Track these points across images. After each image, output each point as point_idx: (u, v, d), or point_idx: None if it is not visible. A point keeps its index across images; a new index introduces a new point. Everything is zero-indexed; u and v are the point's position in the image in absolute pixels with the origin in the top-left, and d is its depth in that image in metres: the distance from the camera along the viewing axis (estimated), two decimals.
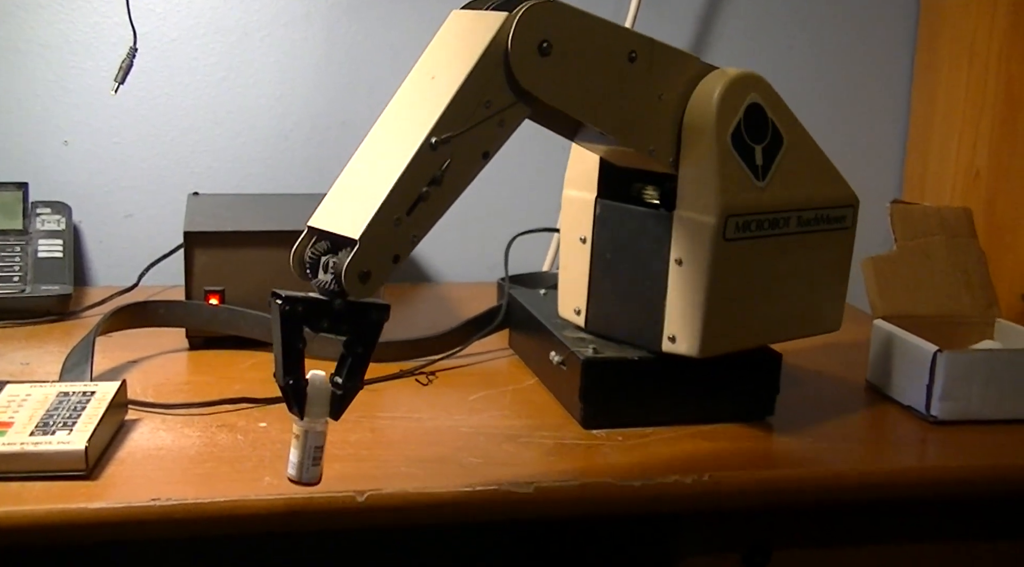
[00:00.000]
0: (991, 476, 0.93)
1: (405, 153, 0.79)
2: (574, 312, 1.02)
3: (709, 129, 0.90)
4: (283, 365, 0.78)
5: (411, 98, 0.83)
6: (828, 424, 1.00)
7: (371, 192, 0.78)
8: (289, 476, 0.78)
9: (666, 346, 0.95)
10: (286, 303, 0.77)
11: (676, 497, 0.87)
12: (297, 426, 0.78)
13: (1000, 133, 1.36)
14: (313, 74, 1.43)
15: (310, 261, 0.80)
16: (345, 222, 0.78)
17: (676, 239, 0.93)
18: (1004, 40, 1.35)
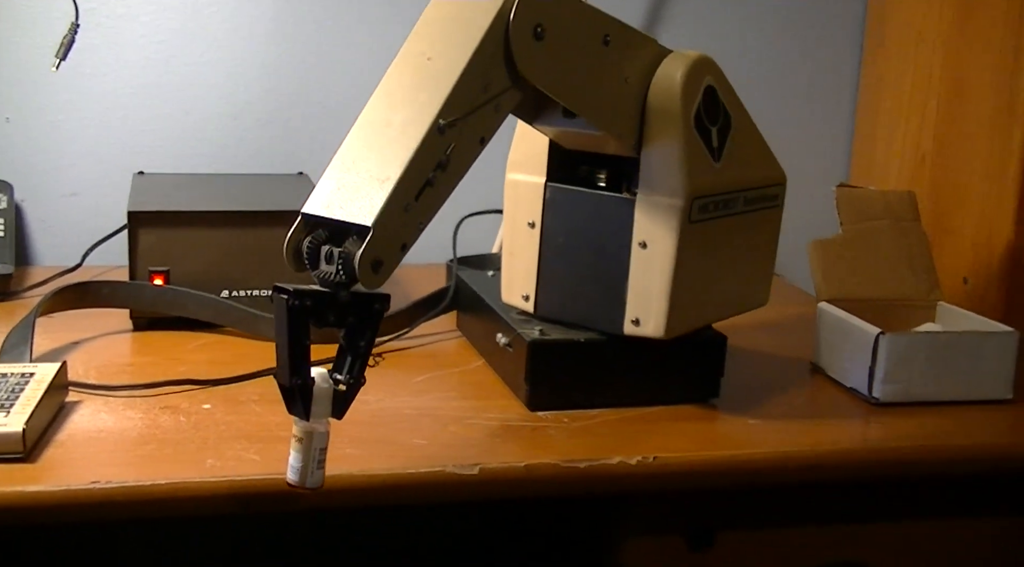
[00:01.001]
0: (930, 456, 0.94)
1: (413, 136, 0.77)
2: (522, 298, 1.01)
3: (675, 112, 0.91)
4: (289, 364, 0.74)
5: (406, 80, 0.81)
6: (772, 406, 1.01)
7: (379, 177, 0.76)
8: (290, 482, 0.76)
9: (629, 329, 0.95)
10: (294, 297, 0.74)
11: (621, 478, 0.87)
12: (299, 428, 0.76)
13: (945, 118, 1.37)
14: (263, 53, 1.42)
15: (308, 250, 0.77)
16: (352, 209, 0.75)
17: (640, 222, 0.93)
18: (950, 26, 1.37)
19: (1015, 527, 0.99)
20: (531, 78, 0.82)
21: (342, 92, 1.45)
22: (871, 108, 1.54)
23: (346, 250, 0.75)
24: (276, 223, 1.13)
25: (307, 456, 0.76)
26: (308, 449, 0.76)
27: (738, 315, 1.04)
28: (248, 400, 0.95)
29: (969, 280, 1.31)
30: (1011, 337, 1.04)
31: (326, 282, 0.76)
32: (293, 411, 0.76)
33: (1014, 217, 1.25)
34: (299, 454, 0.76)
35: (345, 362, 0.78)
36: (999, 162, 1.26)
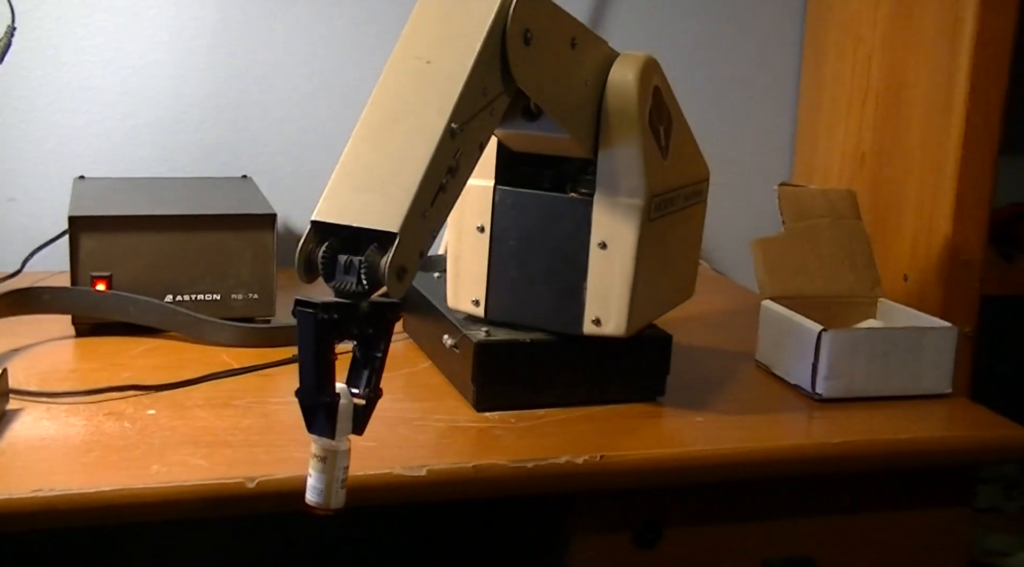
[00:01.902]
0: (873, 450, 0.96)
1: (427, 141, 0.76)
2: (472, 303, 1.00)
3: (632, 114, 0.91)
4: (317, 381, 0.73)
5: (407, 83, 0.80)
6: (718, 403, 1.02)
7: (397, 182, 0.75)
8: (312, 503, 0.74)
9: (589, 329, 0.95)
10: (321, 311, 0.72)
11: (568, 477, 0.87)
12: (320, 447, 0.74)
13: (884, 118, 1.39)
14: (206, 55, 1.41)
15: (324, 260, 0.75)
16: (373, 215, 0.74)
17: (599, 223, 0.94)
18: (887, 27, 1.39)
19: (955, 517, 1.01)
20: (521, 82, 0.83)
21: (285, 95, 1.44)
22: (812, 108, 1.56)
23: (369, 258, 0.73)
24: (220, 227, 1.13)
25: (331, 476, 0.74)
26: (332, 469, 0.74)
27: (674, 309, 1.05)
28: (193, 405, 0.95)
29: (909, 277, 1.33)
30: (950, 332, 1.06)
31: (345, 293, 0.74)
32: (316, 430, 0.74)
33: (952, 214, 1.27)
34: (321, 475, 0.74)
35: (362, 375, 0.76)
36: (936, 160, 1.29)
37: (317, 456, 0.74)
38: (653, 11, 1.54)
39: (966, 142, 1.25)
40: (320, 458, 0.74)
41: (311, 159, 1.47)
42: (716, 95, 1.59)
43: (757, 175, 1.60)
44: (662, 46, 1.53)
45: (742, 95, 1.60)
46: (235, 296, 1.14)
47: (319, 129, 1.46)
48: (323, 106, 1.46)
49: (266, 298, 1.14)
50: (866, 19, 1.43)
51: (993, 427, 1.00)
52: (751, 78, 1.60)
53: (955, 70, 1.25)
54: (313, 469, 0.74)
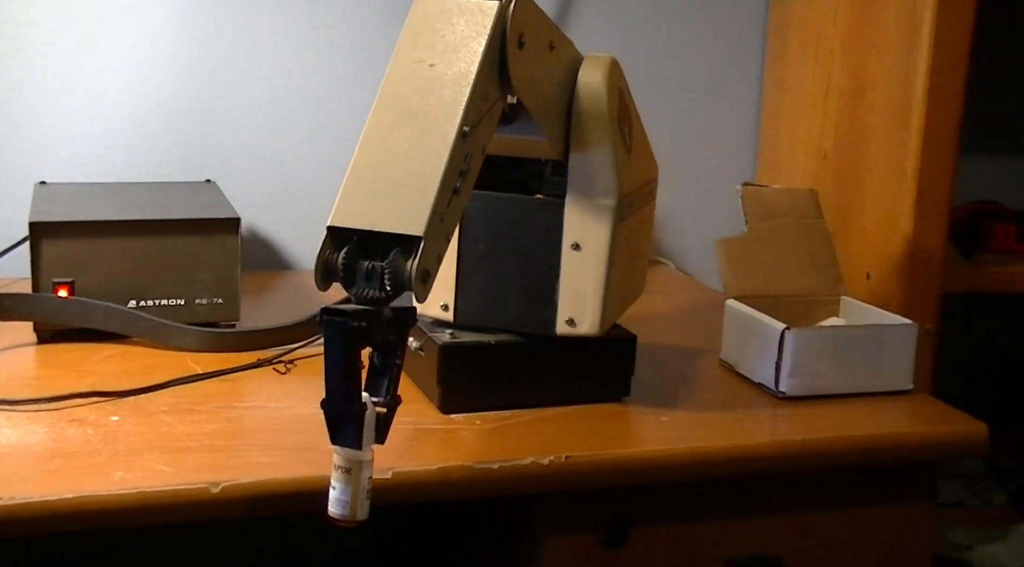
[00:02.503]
0: (836, 447, 0.97)
1: (441, 144, 0.76)
2: (440, 308, 1.00)
3: (603, 116, 0.92)
4: (345, 391, 0.72)
5: (412, 86, 0.80)
6: (683, 403, 1.02)
7: (414, 185, 0.75)
8: (338, 516, 0.73)
9: (563, 330, 0.96)
10: (351, 319, 0.71)
11: (534, 478, 0.88)
12: (344, 458, 0.73)
13: (846, 118, 1.41)
14: (171, 60, 1.40)
15: (344, 267, 0.74)
16: (393, 219, 0.73)
17: (571, 224, 0.94)
18: (848, 28, 1.40)
19: (919, 512, 1.02)
20: (516, 85, 0.83)
21: (249, 99, 1.44)
22: (775, 108, 1.57)
23: (393, 263, 0.73)
24: (184, 231, 1.12)
25: (356, 487, 0.73)
26: (358, 480, 0.73)
27: (640, 309, 1.06)
28: (158, 411, 0.94)
29: (872, 275, 1.34)
30: (910, 329, 1.07)
31: (366, 299, 0.73)
32: (341, 441, 0.73)
33: (912, 213, 1.28)
34: (346, 486, 0.73)
35: (382, 383, 0.75)
36: (897, 160, 1.30)
37: (341, 467, 0.73)
38: (616, 12, 1.55)
39: (926, 141, 1.26)
40: (344, 469, 0.73)
41: (275, 163, 1.46)
42: (679, 96, 1.60)
43: (721, 175, 1.61)
44: (625, 47, 1.54)
45: (705, 96, 1.61)
46: (199, 301, 1.13)
47: (283, 133, 1.46)
48: (286, 110, 1.46)
49: (231, 303, 1.14)
50: (827, 20, 1.44)
51: (954, 423, 1.01)
52: (714, 79, 1.61)
53: (914, 70, 1.26)
54: (337, 481, 0.74)
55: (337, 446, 0.74)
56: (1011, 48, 1.68)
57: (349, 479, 0.74)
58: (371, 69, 1.48)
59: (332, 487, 0.74)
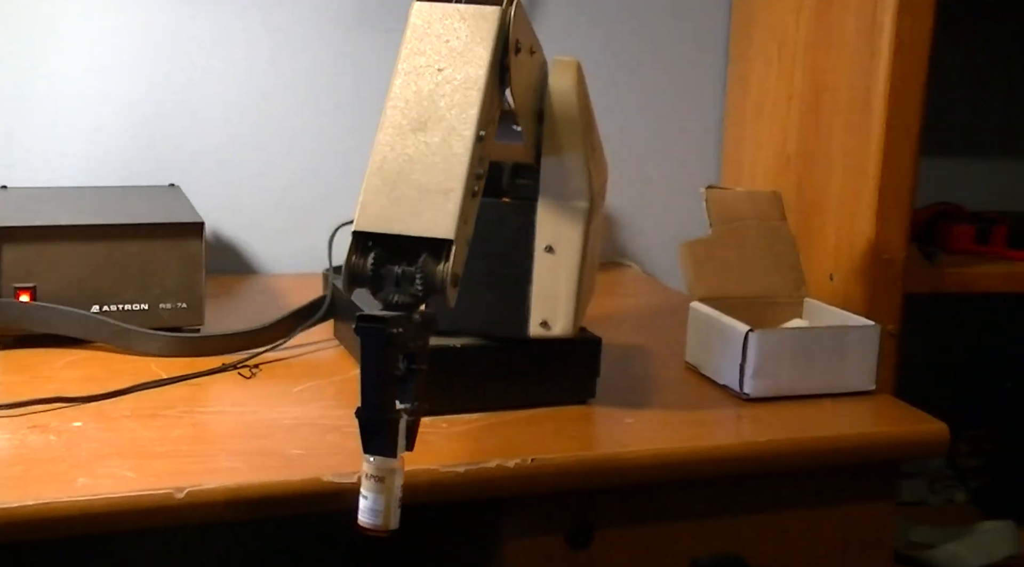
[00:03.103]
0: (800, 448, 0.97)
1: (462, 147, 0.77)
2: None
3: (575, 118, 0.93)
4: (381, 398, 0.71)
5: (422, 91, 0.80)
6: (648, 405, 1.03)
7: (439, 188, 0.75)
8: (369, 525, 0.73)
9: (536, 332, 0.97)
10: (390, 325, 0.70)
11: (499, 481, 0.88)
12: (376, 467, 0.72)
13: (808, 121, 1.42)
14: (130, 63, 1.39)
15: (372, 272, 0.74)
16: (421, 223, 0.74)
17: (544, 227, 0.95)
18: (809, 32, 1.41)
19: (880, 511, 1.03)
20: (512, 90, 0.84)
21: (211, 102, 1.43)
22: (738, 111, 1.58)
23: (424, 268, 0.73)
24: (147, 236, 1.12)
25: (389, 496, 0.73)
26: (391, 488, 0.73)
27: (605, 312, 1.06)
28: (121, 416, 0.94)
29: (834, 276, 1.35)
30: (873, 330, 1.08)
31: (397, 305, 0.73)
32: (375, 449, 0.73)
33: (874, 215, 1.29)
34: (379, 495, 0.72)
35: (409, 389, 0.75)
36: (859, 162, 1.31)
37: (374, 476, 0.73)
38: (579, 14, 1.55)
39: (887, 144, 1.28)
40: (377, 479, 0.73)
41: (238, 167, 1.46)
42: (644, 99, 1.61)
43: (685, 178, 1.62)
44: (590, 49, 1.54)
45: (670, 99, 1.62)
46: (163, 305, 1.13)
47: (246, 136, 1.46)
48: (250, 113, 1.45)
49: (195, 307, 1.13)
50: (789, 23, 1.45)
51: (915, 422, 1.03)
52: (678, 82, 1.62)
53: (875, 73, 1.28)
54: (369, 491, 0.73)
55: (370, 455, 0.73)
56: (970, 51, 1.70)
57: (382, 488, 0.73)
58: (333, 71, 1.47)
59: (363, 496, 0.73)
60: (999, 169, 1.77)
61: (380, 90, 1.46)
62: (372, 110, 1.56)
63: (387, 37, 1.48)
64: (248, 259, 1.48)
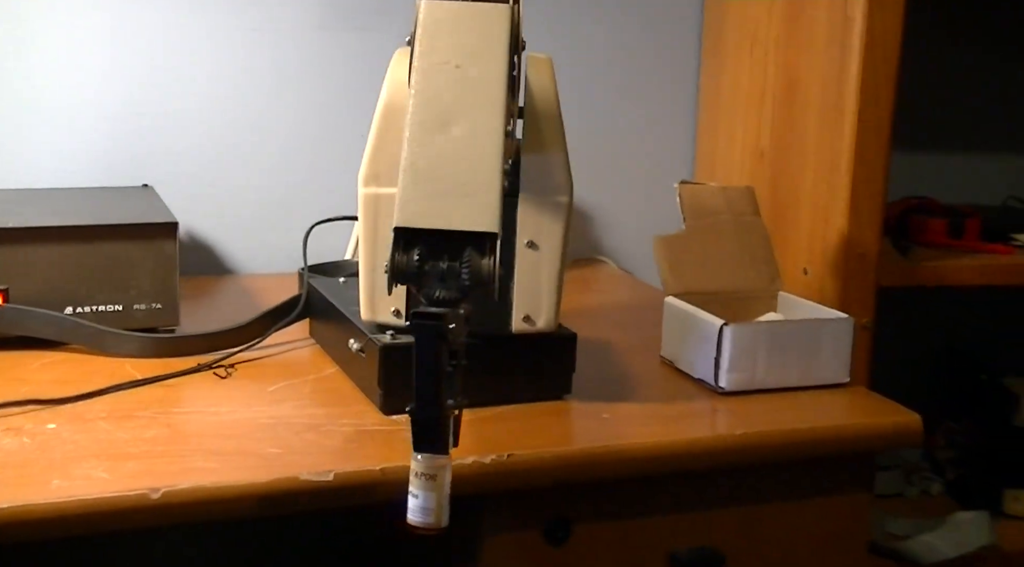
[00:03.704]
0: (774, 441, 0.98)
1: (492, 142, 0.78)
2: (392, 314, 0.98)
3: (554, 114, 0.94)
4: (436, 395, 0.71)
5: (444, 88, 0.80)
6: (624, 400, 1.03)
7: (476, 183, 0.75)
8: (421, 524, 0.72)
9: (519, 327, 0.97)
10: (447, 321, 0.70)
11: (476, 477, 0.88)
12: (427, 465, 0.72)
13: (781, 115, 1.43)
14: (104, 63, 1.39)
15: (419, 268, 0.73)
16: (466, 218, 0.74)
17: (526, 223, 0.96)
18: (781, 28, 1.42)
19: (856, 502, 1.04)
20: (518, 86, 0.85)
21: (185, 103, 1.43)
22: (712, 107, 1.59)
23: (471, 262, 0.73)
24: (121, 236, 1.11)
25: (440, 493, 0.72)
26: (442, 486, 0.72)
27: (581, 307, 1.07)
28: (96, 417, 0.93)
29: (809, 270, 1.36)
30: (847, 323, 1.09)
31: (441, 301, 0.73)
32: (427, 447, 0.72)
33: (847, 209, 1.30)
34: (431, 493, 0.72)
35: (454, 385, 0.74)
36: (831, 157, 1.32)
37: (425, 475, 0.72)
38: (553, 12, 1.55)
39: (859, 139, 1.28)
40: (429, 476, 0.72)
41: (213, 167, 1.45)
42: (619, 95, 1.61)
43: (660, 174, 1.63)
44: (564, 45, 1.55)
45: (644, 95, 1.62)
46: (138, 306, 1.12)
47: (220, 136, 1.45)
48: (223, 113, 1.45)
49: (169, 308, 1.13)
50: (761, 19, 1.46)
51: (888, 414, 1.03)
52: (652, 78, 1.62)
53: (846, 68, 1.29)
54: (419, 489, 0.72)
55: (422, 453, 0.73)
56: (941, 45, 1.71)
57: (433, 485, 0.72)
58: (306, 70, 1.47)
59: (413, 495, 0.73)
60: (971, 163, 1.79)
61: (354, 88, 1.47)
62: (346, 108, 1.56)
63: (360, 35, 1.48)
64: (223, 259, 1.48)
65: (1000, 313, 1.77)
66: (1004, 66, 1.77)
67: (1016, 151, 1.81)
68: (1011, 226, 1.50)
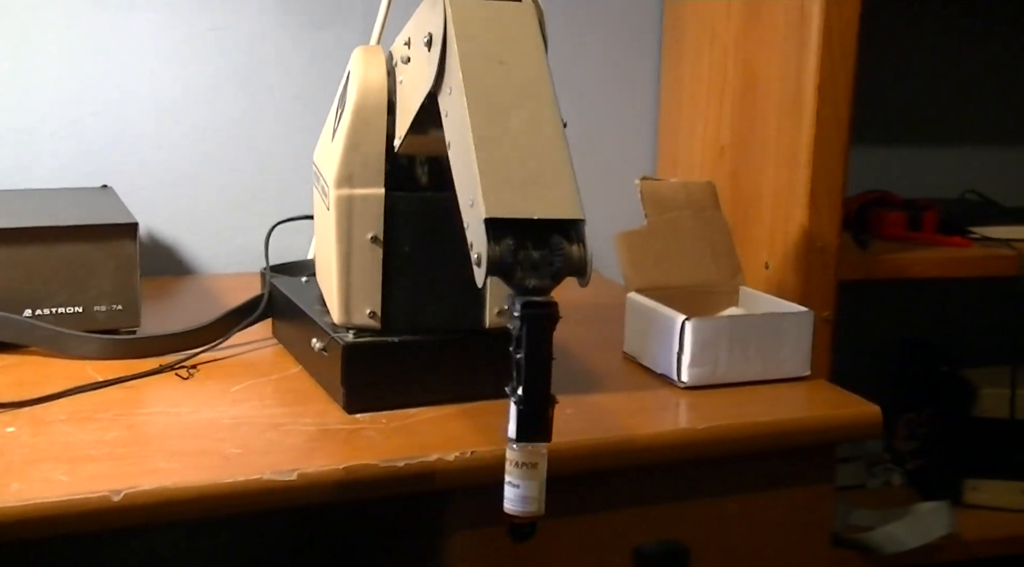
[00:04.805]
0: (736, 434, 0.99)
1: (554, 133, 0.79)
2: (367, 316, 0.98)
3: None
4: (547, 382, 0.71)
5: (493, 83, 0.80)
6: (587, 395, 1.04)
7: (553, 173, 0.76)
8: (523, 513, 0.72)
9: (494, 321, 0.98)
10: (556, 308, 0.71)
11: (440, 474, 0.88)
12: (529, 454, 0.72)
13: (740, 111, 1.43)
14: (58, 64, 1.38)
15: (511, 258, 0.72)
16: (552, 206, 0.74)
17: None
18: (740, 23, 1.43)
19: (818, 494, 1.05)
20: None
21: (144, 102, 1.42)
22: (673, 103, 1.60)
23: (563, 250, 0.73)
24: (80, 238, 1.10)
25: (541, 481, 0.72)
26: (543, 473, 0.72)
27: None
28: (55, 420, 0.92)
29: (770, 264, 1.37)
30: (807, 316, 1.10)
31: (534, 289, 0.73)
32: (530, 436, 0.72)
33: (807, 204, 1.31)
34: (532, 482, 0.72)
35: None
36: (791, 152, 1.33)
37: (527, 464, 0.72)
38: None
39: (817, 133, 1.29)
40: (530, 465, 0.72)
41: (172, 167, 1.44)
42: (580, 91, 1.61)
43: (622, 170, 1.63)
44: None
45: (605, 92, 1.63)
46: (98, 308, 1.11)
47: (179, 136, 1.44)
48: (183, 113, 1.44)
49: (130, 309, 1.12)
50: (720, 15, 1.47)
51: (848, 406, 1.04)
52: (613, 74, 1.63)
53: (805, 64, 1.29)
54: (521, 479, 0.73)
55: (524, 442, 0.73)
56: (898, 39, 1.73)
57: (534, 474, 0.72)
58: (267, 70, 1.47)
59: (514, 485, 0.73)
60: (929, 156, 1.81)
61: (315, 88, 1.47)
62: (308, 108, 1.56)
63: (322, 35, 1.47)
64: (184, 259, 1.47)
65: (959, 305, 1.79)
66: (961, 60, 1.79)
67: (973, 144, 1.83)
68: (968, 219, 1.52)
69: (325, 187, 0.99)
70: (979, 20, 1.78)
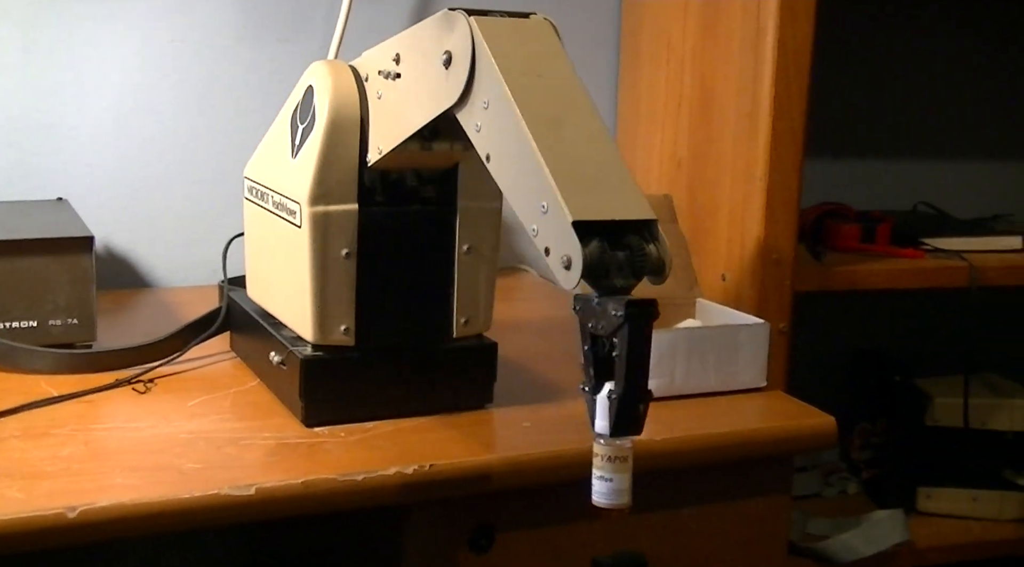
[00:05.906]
0: (693, 446, 0.99)
1: (606, 140, 0.80)
2: (341, 333, 0.97)
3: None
4: (646, 379, 0.73)
5: (537, 95, 0.81)
6: (544, 408, 1.04)
7: (615, 177, 0.78)
8: (615, 505, 0.75)
9: (460, 331, 1.00)
10: (656, 307, 0.72)
11: (398, 488, 0.88)
12: (620, 448, 0.74)
13: (697, 125, 1.45)
14: (13, 75, 1.36)
15: (599, 259, 0.73)
16: (627, 208, 0.76)
17: (464, 229, 0.98)
18: (696, 37, 1.44)
19: (775, 504, 1.06)
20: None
21: (99, 115, 1.41)
22: (630, 115, 1.61)
23: (643, 251, 0.75)
24: (35, 251, 1.09)
25: (631, 474, 0.75)
26: (631, 466, 0.74)
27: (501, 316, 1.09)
28: (9, 436, 0.91)
29: (727, 276, 1.38)
30: (763, 328, 1.11)
31: (619, 289, 0.74)
32: (627, 430, 0.74)
33: (763, 216, 1.32)
34: (623, 475, 0.74)
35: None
36: (747, 165, 1.34)
37: (618, 458, 0.75)
38: None
39: (773, 147, 1.31)
40: (621, 459, 0.74)
41: (128, 180, 1.44)
42: None
43: None
44: None
45: None
46: (53, 322, 1.10)
47: (136, 149, 1.43)
48: (140, 125, 1.43)
49: (86, 323, 1.11)
50: (676, 28, 1.48)
51: (804, 417, 1.05)
52: None
53: (759, 78, 1.31)
54: (612, 472, 0.75)
55: (617, 437, 0.75)
56: (851, 54, 1.75)
57: (625, 467, 0.75)
58: (226, 82, 1.46)
59: (605, 479, 0.75)
60: (883, 169, 1.83)
61: (273, 101, 1.47)
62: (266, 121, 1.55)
63: (281, 47, 1.47)
64: (141, 273, 1.46)
65: (912, 315, 1.81)
66: (913, 74, 1.81)
67: (926, 157, 1.85)
68: (921, 231, 1.54)
69: (287, 204, 0.98)
70: (932, 35, 1.81)
